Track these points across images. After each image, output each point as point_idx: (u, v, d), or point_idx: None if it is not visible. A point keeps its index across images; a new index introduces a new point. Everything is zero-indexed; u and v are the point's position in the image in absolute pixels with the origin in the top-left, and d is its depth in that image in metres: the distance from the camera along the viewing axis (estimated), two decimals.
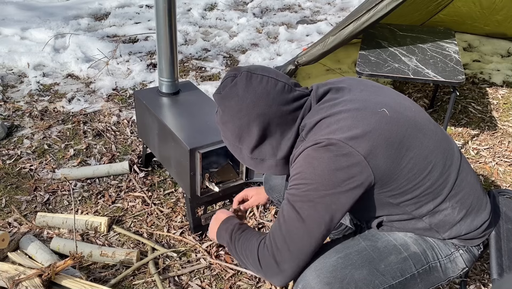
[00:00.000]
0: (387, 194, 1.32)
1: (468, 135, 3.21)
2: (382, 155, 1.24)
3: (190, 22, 5.16)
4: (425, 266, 1.41)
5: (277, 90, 1.34)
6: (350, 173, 1.22)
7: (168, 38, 2.24)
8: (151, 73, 3.89)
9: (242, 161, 1.47)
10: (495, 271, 1.42)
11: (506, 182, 2.76)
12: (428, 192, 1.33)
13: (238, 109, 1.35)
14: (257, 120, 1.34)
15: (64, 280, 1.83)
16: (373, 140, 1.24)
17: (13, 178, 2.62)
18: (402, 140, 1.28)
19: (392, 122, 1.29)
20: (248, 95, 1.34)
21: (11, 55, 4.01)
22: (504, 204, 1.61)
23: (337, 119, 1.29)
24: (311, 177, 1.24)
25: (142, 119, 2.44)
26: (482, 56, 4.44)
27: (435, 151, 1.33)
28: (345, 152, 1.22)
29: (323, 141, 1.24)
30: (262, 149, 1.39)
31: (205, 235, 2.26)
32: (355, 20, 2.75)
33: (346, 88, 1.40)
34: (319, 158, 1.24)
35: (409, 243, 1.42)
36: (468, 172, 1.44)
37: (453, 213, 1.37)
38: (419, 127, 1.34)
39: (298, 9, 5.88)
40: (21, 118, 3.19)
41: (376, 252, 1.39)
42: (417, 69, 2.71)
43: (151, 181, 2.61)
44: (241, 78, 1.36)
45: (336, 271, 1.34)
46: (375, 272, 1.36)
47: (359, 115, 1.28)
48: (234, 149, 1.45)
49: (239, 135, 1.39)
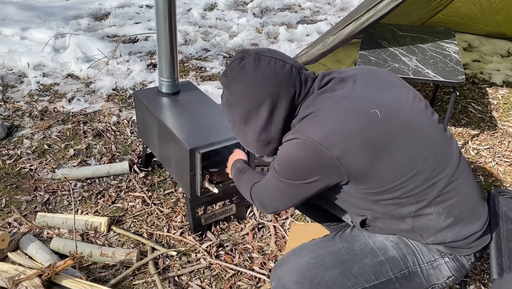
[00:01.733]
0: (364, 190, 1.33)
1: (468, 135, 3.21)
2: (357, 157, 1.26)
3: (190, 22, 5.16)
4: (404, 271, 1.39)
5: (285, 72, 1.35)
6: (320, 170, 1.29)
7: (168, 38, 2.24)
8: (151, 73, 3.89)
9: (245, 145, 1.49)
10: (495, 271, 1.41)
11: (506, 182, 2.76)
12: (410, 194, 1.31)
13: (247, 91, 1.36)
14: (266, 101, 1.35)
15: (64, 280, 1.83)
16: (351, 141, 1.26)
17: (13, 178, 2.62)
18: (386, 144, 1.27)
19: (378, 125, 1.28)
20: (257, 77, 1.35)
21: (11, 55, 4.01)
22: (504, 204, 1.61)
23: (323, 115, 1.32)
24: (285, 170, 1.35)
25: (142, 119, 2.44)
26: (482, 56, 4.44)
27: (423, 156, 1.31)
28: (318, 153, 1.26)
29: (301, 138, 1.29)
30: (269, 132, 1.40)
31: (205, 235, 2.26)
32: (355, 20, 2.75)
33: (350, 80, 1.39)
34: (294, 155, 1.31)
35: (388, 247, 1.41)
36: (465, 180, 1.39)
37: (438, 218, 1.34)
38: (411, 131, 1.32)
39: (298, 9, 5.88)
40: (21, 118, 3.19)
41: (350, 254, 1.40)
42: (417, 69, 2.71)
43: (151, 181, 2.61)
44: (249, 60, 1.36)
45: (307, 271, 1.37)
46: (347, 273, 1.37)
47: (345, 115, 1.30)
48: (239, 132, 1.46)
49: (246, 118, 1.40)
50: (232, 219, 2.36)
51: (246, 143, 1.47)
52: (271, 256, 2.15)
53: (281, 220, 2.38)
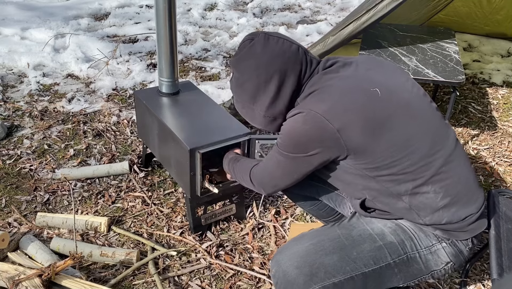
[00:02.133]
0: (362, 165, 1.38)
1: (468, 135, 3.21)
2: (357, 131, 1.32)
3: (190, 22, 5.16)
4: (403, 256, 1.42)
5: (292, 51, 1.44)
6: (321, 143, 1.35)
7: (168, 38, 2.24)
8: (151, 73, 3.89)
9: (253, 122, 1.57)
10: (495, 271, 1.42)
11: (506, 182, 2.76)
12: (407, 171, 1.36)
13: (256, 67, 1.44)
14: (274, 76, 1.43)
15: (64, 280, 1.83)
16: (352, 115, 1.32)
17: (13, 178, 2.62)
18: (385, 120, 1.34)
19: (379, 102, 1.35)
20: (266, 54, 1.43)
21: (11, 55, 4.01)
22: (504, 204, 1.61)
23: (326, 91, 1.38)
24: (288, 142, 1.41)
25: (142, 119, 2.44)
26: (482, 56, 4.44)
27: (421, 135, 1.37)
28: (320, 125, 1.32)
29: (304, 112, 1.35)
30: (276, 107, 1.48)
31: (205, 235, 2.26)
32: (355, 20, 2.75)
33: (354, 64, 1.46)
34: (297, 128, 1.38)
35: (386, 233, 1.44)
36: (461, 163, 1.44)
37: (435, 197, 1.38)
38: (410, 110, 1.38)
39: (298, 9, 5.88)
40: (21, 118, 3.19)
41: (349, 239, 1.44)
42: (417, 69, 2.71)
43: (151, 181, 2.61)
44: (258, 40, 1.45)
45: (307, 256, 1.41)
46: (346, 258, 1.40)
47: (347, 92, 1.37)
48: (247, 110, 1.54)
49: (255, 94, 1.48)
50: (232, 219, 2.36)
51: (254, 120, 1.56)
52: (271, 256, 2.15)
53: (281, 220, 2.38)
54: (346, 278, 1.39)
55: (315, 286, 1.38)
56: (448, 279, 2.06)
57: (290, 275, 1.40)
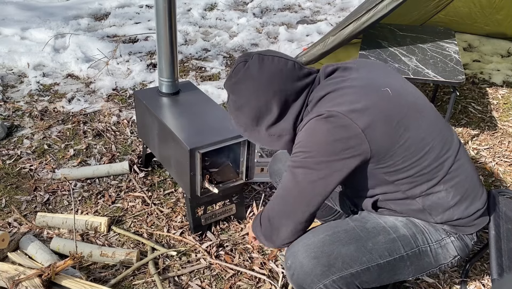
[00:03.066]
0: (383, 170, 1.36)
1: (468, 135, 3.21)
2: (380, 130, 1.29)
3: (190, 22, 5.16)
4: (415, 249, 1.43)
5: (289, 68, 1.41)
6: (348, 143, 1.28)
7: (168, 38, 2.24)
8: (151, 73, 3.89)
9: (259, 142, 1.52)
10: (495, 271, 1.42)
11: (506, 182, 2.76)
12: (423, 172, 1.36)
13: (255, 90, 1.41)
14: (276, 97, 1.40)
15: (64, 280, 1.83)
16: (373, 115, 1.29)
17: (13, 178, 2.62)
18: (401, 120, 1.33)
19: (393, 101, 1.34)
20: (264, 75, 1.40)
21: (11, 55, 4.01)
22: (504, 204, 1.61)
23: (341, 94, 1.35)
24: (310, 145, 1.32)
25: (142, 119, 2.44)
26: (482, 56, 4.44)
27: (433, 134, 1.38)
28: (344, 124, 1.28)
29: (324, 113, 1.30)
30: (280, 125, 1.45)
31: (205, 235, 2.26)
32: (355, 20, 2.75)
33: (354, 68, 1.45)
34: (319, 129, 1.31)
35: (398, 226, 1.45)
36: (466, 160, 1.47)
37: (447, 196, 1.40)
38: (419, 111, 1.39)
39: (298, 9, 5.88)
40: (21, 118, 3.19)
41: (364, 231, 1.44)
42: (417, 69, 2.71)
43: (151, 181, 2.61)
44: (253, 61, 1.42)
45: (324, 246, 1.40)
46: (362, 249, 1.40)
47: (362, 91, 1.34)
48: (250, 133, 1.50)
49: (257, 116, 1.44)
50: (232, 219, 2.36)
51: (260, 141, 1.51)
52: (271, 256, 2.15)
53: None
54: (362, 268, 1.39)
55: (333, 277, 1.38)
56: (448, 279, 2.06)
57: (307, 266, 1.39)
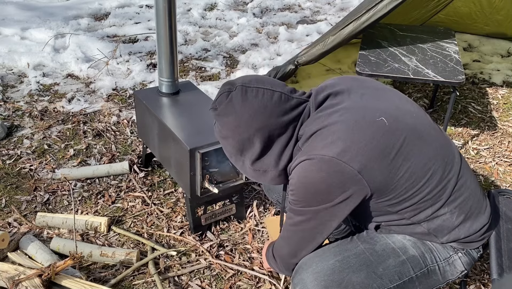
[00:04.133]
0: (385, 203, 1.32)
1: (468, 135, 3.21)
2: (377, 168, 1.24)
3: (190, 22, 5.16)
4: (424, 269, 1.40)
5: (274, 102, 1.33)
6: (343, 188, 1.24)
7: (168, 38, 2.24)
8: (151, 73, 3.89)
9: (244, 173, 1.47)
10: (495, 271, 1.41)
11: (506, 182, 2.76)
12: (427, 198, 1.32)
13: (237, 125, 1.34)
14: (258, 134, 1.33)
15: (64, 280, 1.83)
16: (368, 153, 1.23)
17: (13, 178, 2.62)
18: (399, 150, 1.27)
19: (389, 132, 1.28)
20: (245, 111, 1.32)
21: (11, 55, 4.01)
22: (504, 204, 1.61)
23: (332, 131, 1.27)
24: (305, 196, 1.29)
25: (142, 119, 2.44)
26: (482, 56, 4.44)
27: (434, 157, 1.32)
28: (338, 169, 1.22)
29: (316, 158, 1.24)
30: (264, 160, 1.39)
31: (205, 235, 2.26)
32: (355, 20, 2.75)
33: (346, 92, 1.37)
34: (312, 177, 1.25)
35: (407, 246, 1.41)
36: (468, 176, 1.42)
37: (451, 217, 1.36)
38: (419, 134, 1.32)
39: (298, 9, 5.88)
40: (21, 118, 3.19)
41: (374, 255, 1.40)
42: (417, 69, 2.71)
43: (151, 181, 2.61)
44: (236, 94, 1.34)
45: (334, 274, 1.35)
46: (373, 275, 1.36)
47: (355, 127, 1.27)
48: (236, 161, 1.45)
49: (240, 149, 1.38)
50: (232, 219, 2.36)
51: (246, 173, 1.46)
52: None
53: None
54: None
55: None
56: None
57: None
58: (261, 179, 1.44)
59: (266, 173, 1.41)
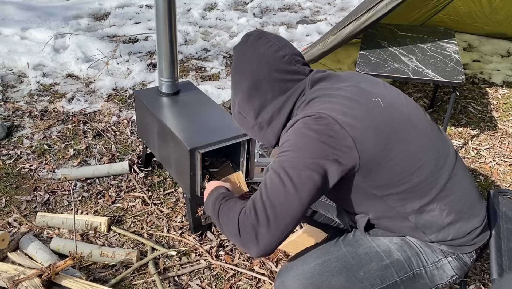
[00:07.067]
0: (371, 183, 1.31)
1: (468, 135, 3.21)
2: (370, 141, 1.24)
3: (190, 22, 5.16)
4: (409, 273, 1.39)
5: (275, 57, 1.37)
6: (337, 148, 1.22)
7: (168, 38, 2.24)
8: (151, 73, 3.89)
9: (233, 115, 1.53)
10: (495, 271, 1.41)
11: (506, 182, 2.76)
12: (415, 189, 1.31)
13: (237, 64, 1.42)
14: (248, 76, 1.39)
15: (64, 280, 1.83)
16: (363, 125, 1.24)
17: (13, 178, 2.62)
18: (393, 132, 1.27)
19: (385, 112, 1.29)
20: (248, 53, 1.40)
21: (11, 55, 4.01)
22: (504, 204, 1.61)
23: (330, 100, 1.30)
24: (299, 145, 1.24)
25: (142, 119, 2.44)
26: (482, 56, 4.44)
27: (427, 149, 1.32)
28: (335, 128, 1.23)
29: (314, 114, 1.25)
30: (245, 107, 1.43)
31: (205, 235, 2.26)
32: (355, 20, 2.75)
33: (344, 77, 1.41)
34: (308, 128, 1.24)
35: (392, 250, 1.40)
36: (463, 177, 1.41)
37: (441, 215, 1.35)
38: (413, 123, 1.33)
39: (298, 9, 5.88)
40: (21, 118, 3.19)
41: (356, 258, 1.39)
42: (417, 69, 2.71)
43: (151, 181, 2.61)
44: (253, 37, 1.41)
45: (313, 278, 1.35)
46: (353, 279, 1.36)
47: (353, 99, 1.29)
48: (232, 99, 1.51)
49: (234, 86, 1.46)
50: None
51: (233, 113, 1.51)
52: (270, 256, 2.15)
53: None
54: None
55: None
56: None
57: None
58: (242, 125, 1.49)
59: (245, 119, 1.46)
